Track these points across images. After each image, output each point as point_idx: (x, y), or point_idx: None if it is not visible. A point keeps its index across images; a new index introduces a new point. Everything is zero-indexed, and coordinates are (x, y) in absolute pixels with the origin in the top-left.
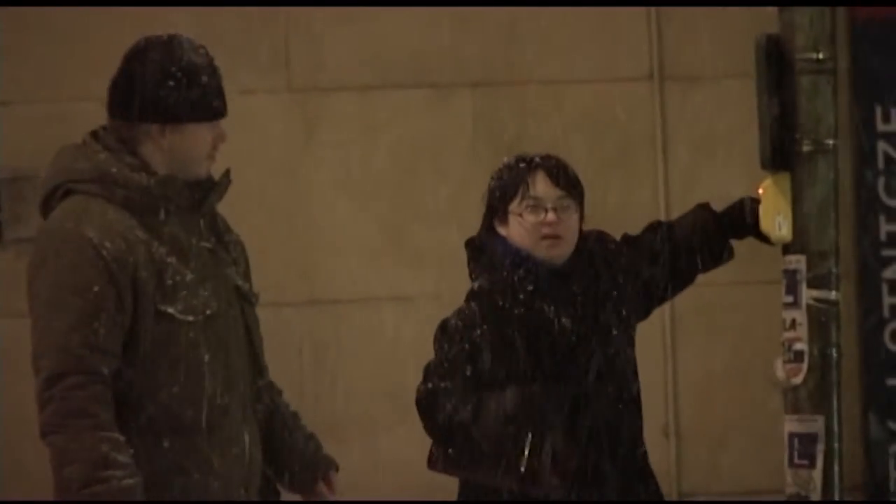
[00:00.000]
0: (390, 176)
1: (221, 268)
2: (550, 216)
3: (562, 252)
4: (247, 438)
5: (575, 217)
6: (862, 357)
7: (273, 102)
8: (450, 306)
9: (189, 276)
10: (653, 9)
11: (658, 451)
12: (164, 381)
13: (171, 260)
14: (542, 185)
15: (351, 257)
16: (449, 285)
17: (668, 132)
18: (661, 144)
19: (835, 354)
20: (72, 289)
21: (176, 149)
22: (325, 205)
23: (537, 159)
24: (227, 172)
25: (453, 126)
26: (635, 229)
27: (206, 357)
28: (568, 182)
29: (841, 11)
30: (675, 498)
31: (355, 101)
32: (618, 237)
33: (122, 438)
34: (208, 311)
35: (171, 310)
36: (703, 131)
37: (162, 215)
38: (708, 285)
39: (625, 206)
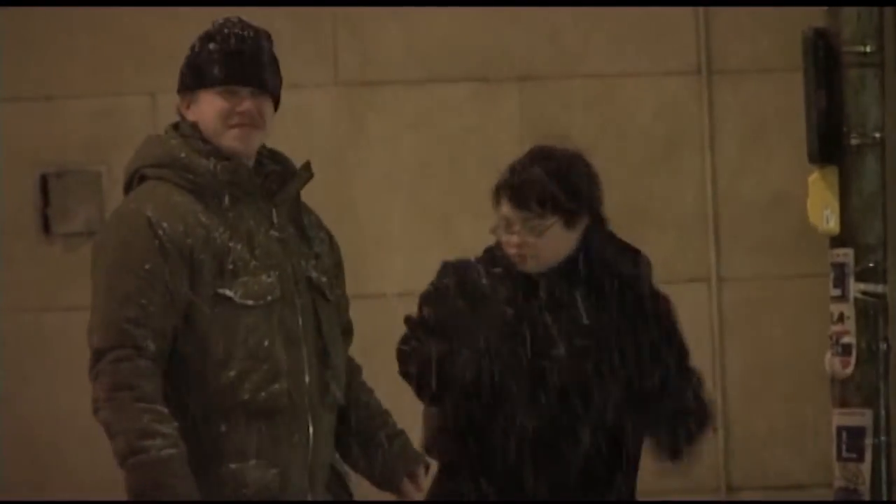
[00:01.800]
0: (437, 170)
1: (292, 258)
2: (514, 238)
3: (532, 266)
4: (311, 428)
5: (554, 232)
6: None
7: (321, 96)
8: None
9: (252, 263)
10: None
11: (706, 446)
12: (223, 363)
13: (234, 245)
14: (506, 207)
15: (398, 251)
16: None
17: (715, 126)
18: (708, 139)
19: (883, 347)
20: (124, 266)
21: (199, 122)
22: (372, 199)
23: (506, 177)
24: (307, 165)
25: (500, 120)
26: (682, 224)
27: (266, 342)
28: (535, 202)
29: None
30: (724, 492)
31: (402, 95)
32: (664, 232)
33: (164, 410)
34: (269, 298)
35: (229, 293)
36: (751, 125)
37: (227, 201)
38: (755, 279)
39: (671, 201)
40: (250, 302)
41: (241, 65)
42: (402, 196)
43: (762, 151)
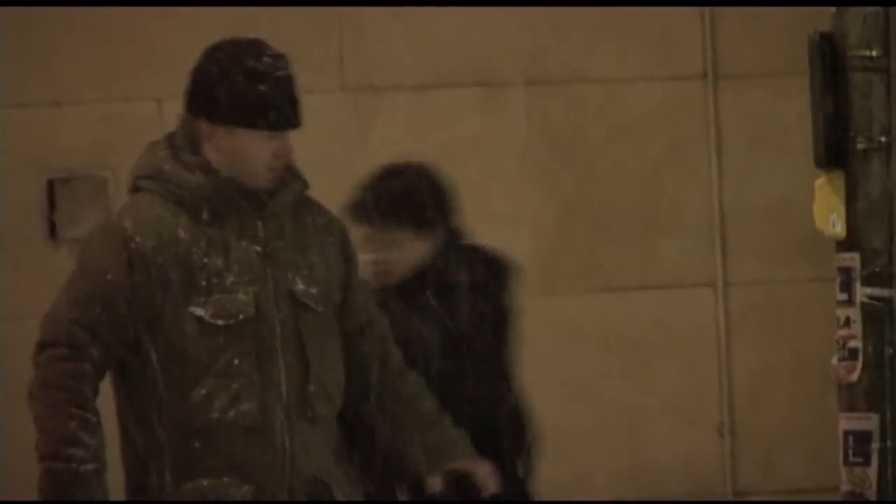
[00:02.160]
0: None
1: (274, 272)
2: (369, 256)
3: (387, 281)
4: (288, 444)
5: (405, 247)
6: None
7: (327, 101)
8: None
9: (230, 279)
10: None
11: (713, 450)
12: (194, 381)
13: (211, 261)
14: (359, 226)
15: None
16: None
17: (721, 131)
18: (714, 143)
19: (889, 352)
20: (87, 270)
21: (228, 153)
22: None
23: (357, 196)
24: (303, 182)
25: (507, 124)
26: (689, 229)
27: (236, 361)
28: (386, 218)
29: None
30: (730, 495)
31: (409, 99)
32: (670, 237)
33: (94, 419)
34: (241, 316)
35: (200, 311)
36: (757, 130)
37: (206, 215)
38: (762, 284)
39: (678, 206)
40: (220, 322)
41: (287, 109)
42: None
43: (768, 156)
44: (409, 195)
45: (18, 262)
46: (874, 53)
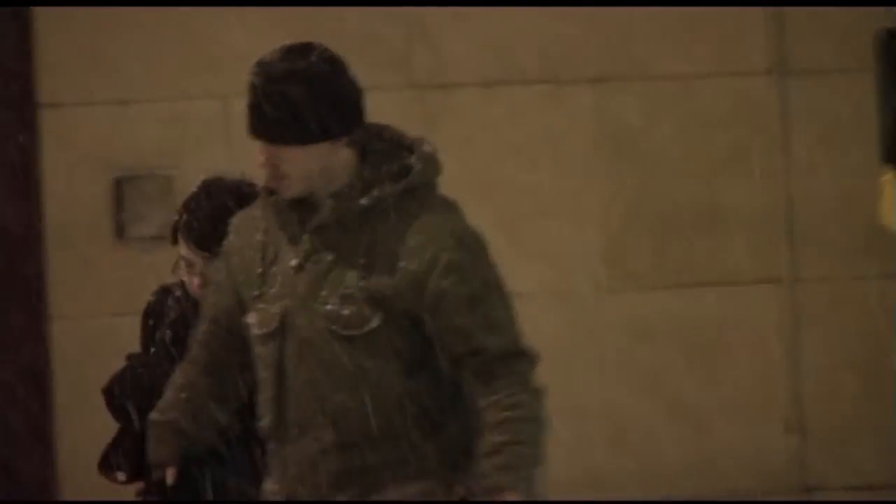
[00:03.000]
0: (511, 172)
1: (304, 288)
2: (197, 280)
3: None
4: (294, 469)
5: None
6: None
7: (394, 99)
8: (567, 301)
9: (272, 290)
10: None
11: (781, 445)
12: (258, 386)
13: (265, 269)
14: (185, 248)
15: None
16: (567, 281)
17: (788, 127)
18: (780, 140)
19: None
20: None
21: None
22: None
23: (183, 217)
24: (335, 194)
25: (574, 121)
26: (754, 225)
27: (264, 374)
28: (215, 241)
29: None
30: (800, 492)
31: (476, 97)
32: (737, 234)
33: (180, 380)
34: (265, 329)
35: (250, 319)
36: (823, 126)
37: (275, 223)
38: (828, 280)
39: (744, 202)
40: (257, 331)
41: (253, 117)
42: (475, 199)
43: (834, 152)
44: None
45: (86, 261)
46: None
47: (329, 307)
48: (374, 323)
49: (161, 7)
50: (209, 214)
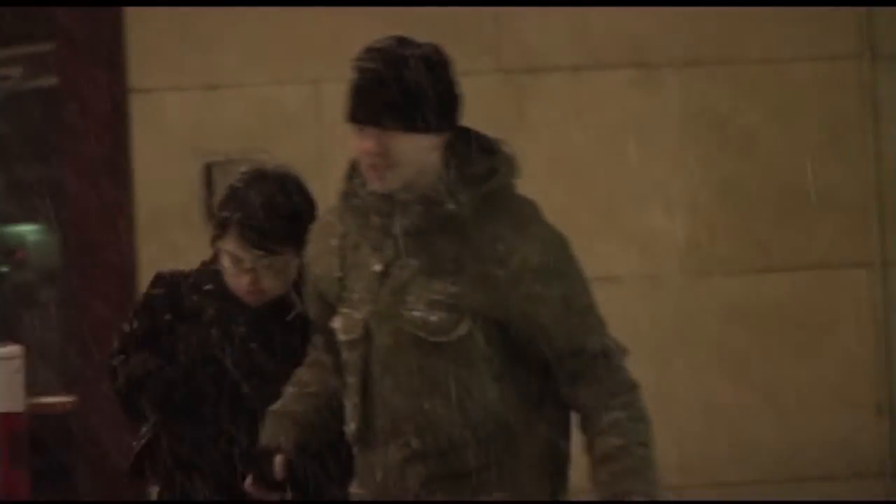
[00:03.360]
0: (600, 156)
1: (388, 294)
2: (246, 277)
3: (258, 300)
4: (380, 476)
5: (284, 267)
6: None
7: (484, 84)
8: (658, 286)
9: (356, 295)
10: None
11: (871, 429)
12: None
13: (346, 274)
14: (234, 243)
15: None
16: (658, 265)
17: (878, 110)
18: (871, 123)
19: None
20: None
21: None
22: (535, 185)
23: (237, 215)
24: (421, 198)
25: (663, 106)
26: (846, 208)
27: (350, 380)
28: (273, 242)
29: None
30: (888, 477)
31: (565, 81)
32: (827, 217)
33: (302, 377)
34: (352, 335)
35: (335, 324)
36: None
37: (354, 226)
38: None
39: (837, 187)
40: (343, 337)
41: (363, 102)
42: (564, 183)
43: None
44: (295, 216)
45: (177, 246)
46: None
47: (416, 314)
48: (463, 330)
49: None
50: (267, 213)
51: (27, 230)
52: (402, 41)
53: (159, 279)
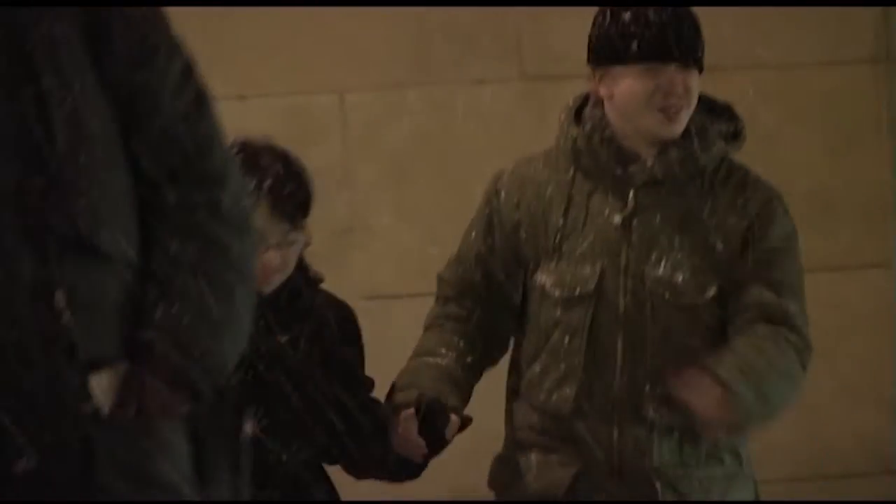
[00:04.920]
0: None
1: (631, 249)
2: (276, 257)
3: (271, 285)
4: (616, 442)
5: (296, 248)
6: None
7: (505, 91)
8: None
9: (581, 249)
10: None
11: (890, 430)
12: (534, 355)
13: (568, 225)
14: (264, 216)
15: None
16: None
17: (894, 115)
18: (887, 126)
19: None
20: (469, 226)
21: (612, 100)
22: None
23: (268, 181)
24: (678, 146)
25: None
26: (863, 211)
27: (566, 339)
28: (300, 210)
29: None
30: None
31: (586, 89)
32: (844, 220)
33: (449, 337)
34: (579, 291)
35: (543, 279)
36: None
37: (579, 175)
38: None
39: (852, 189)
40: (557, 293)
41: (667, 39)
42: None
43: None
44: (306, 183)
45: None
46: None
47: (661, 272)
48: (712, 292)
49: (276, 6)
50: (302, 179)
51: None
52: None
53: None
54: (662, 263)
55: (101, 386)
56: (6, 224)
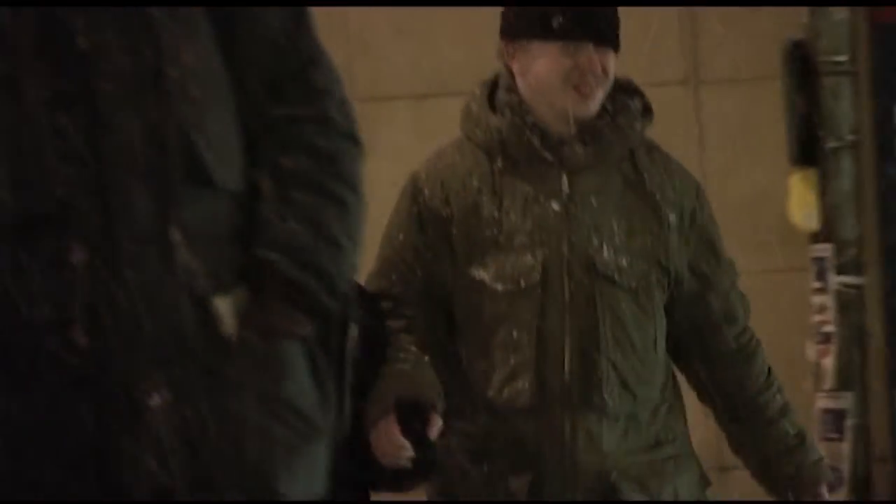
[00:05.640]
0: None
1: (572, 234)
2: None
3: None
4: (568, 434)
5: None
6: (887, 337)
7: None
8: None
9: (519, 239)
10: (686, 12)
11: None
12: (479, 353)
13: (502, 216)
14: None
15: None
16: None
17: (703, 133)
18: (696, 145)
19: (861, 335)
20: (386, 235)
21: (526, 76)
22: None
23: None
24: (615, 127)
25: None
26: None
27: (515, 333)
28: None
29: (862, 15)
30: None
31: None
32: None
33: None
34: (523, 283)
35: (482, 275)
36: (735, 131)
37: (504, 163)
38: (741, 274)
39: None
40: (500, 286)
41: (583, 18)
42: None
43: (747, 155)
44: None
45: None
46: (843, 59)
47: (606, 255)
48: (654, 275)
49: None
50: None
51: None
52: None
53: None
54: (605, 247)
55: (226, 312)
56: (124, 163)
